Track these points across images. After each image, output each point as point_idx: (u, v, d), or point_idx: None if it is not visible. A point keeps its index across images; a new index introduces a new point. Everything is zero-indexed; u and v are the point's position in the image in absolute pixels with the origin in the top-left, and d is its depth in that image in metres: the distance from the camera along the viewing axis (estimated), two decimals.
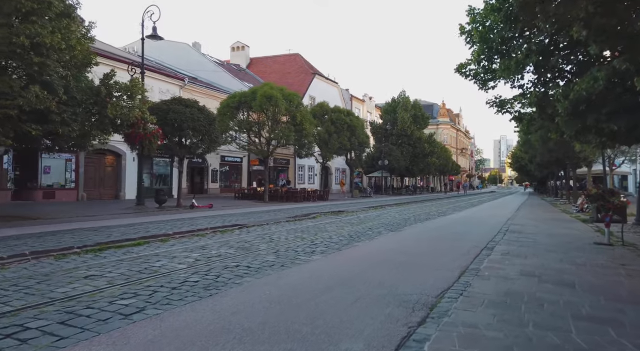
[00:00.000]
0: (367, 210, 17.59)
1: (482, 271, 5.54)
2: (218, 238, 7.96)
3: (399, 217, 13.92)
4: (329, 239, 8.15)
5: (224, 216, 13.28)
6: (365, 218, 13.39)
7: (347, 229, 10.07)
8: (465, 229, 10.80)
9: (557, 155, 26.66)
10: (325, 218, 13.06)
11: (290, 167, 40.99)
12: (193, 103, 18.72)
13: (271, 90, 23.41)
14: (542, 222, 13.67)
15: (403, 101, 49.06)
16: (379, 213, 15.59)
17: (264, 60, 49.36)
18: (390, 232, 9.75)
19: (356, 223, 11.51)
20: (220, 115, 23.71)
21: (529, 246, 7.96)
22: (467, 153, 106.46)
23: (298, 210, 16.61)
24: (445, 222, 12.85)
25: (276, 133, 23.74)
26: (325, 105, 31.24)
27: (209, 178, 30.74)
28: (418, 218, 13.78)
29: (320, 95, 44.03)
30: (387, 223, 11.65)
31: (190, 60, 36.18)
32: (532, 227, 11.82)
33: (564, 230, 11.10)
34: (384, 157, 45.21)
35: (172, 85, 26.90)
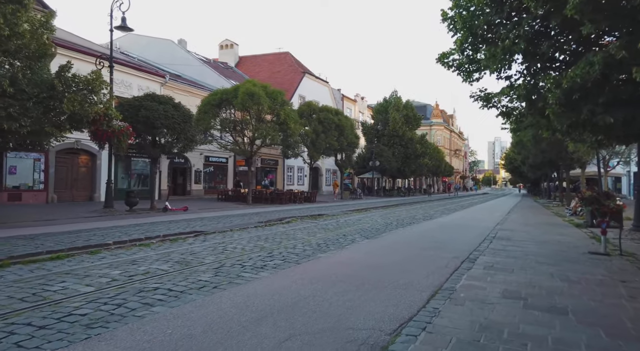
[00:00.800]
0: (350, 213, 16.66)
1: (457, 292, 4.62)
2: (162, 248, 6.98)
3: (380, 222, 13.01)
4: (291, 249, 7.20)
5: (192, 220, 12.29)
6: (344, 222, 12.46)
7: (319, 236, 9.13)
8: (448, 236, 9.89)
9: (550, 156, 25.94)
10: (301, 222, 12.10)
11: (278, 168, 40.01)
12: (168, 99, 17.71)
13: (254, 87, 22.43)
14: (533, 226, 12.81)
15: (395, 101, 48.23)
16: (360, 217, 14.66)
17: (253, 59, 48.37)
18: (366, 239, 8.82)
19: (332, 229, 10.58)
20: (201, 113, 22.74)
21: (517, 257, 7.06)
22: (460, 154, 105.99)
23: (277, 214, 15.65)
24: (430, 227, 11.95)
25: (259, 132, 22.75)
26: (312, 104, 30.31)
27: (192, 179, 29.69)
28: (401, 223, 12.87)
29: (310, 94, 43.12)
30: (366, 229, 10.72)
31: (175, 57, 35.11)
32: (522, 233, 10.95)
33: (557, 237, 10.23)
34: (374, 157, 44.36)
35: (152, 82, 25.84)
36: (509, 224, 13.30)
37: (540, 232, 11.16)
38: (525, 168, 41.30)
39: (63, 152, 20.89)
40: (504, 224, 13.27)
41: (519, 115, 8.25)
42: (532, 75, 7.33)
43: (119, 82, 23.91)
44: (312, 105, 30.05)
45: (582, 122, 6.71)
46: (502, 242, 8.96)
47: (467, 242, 8.79)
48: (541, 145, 23.30)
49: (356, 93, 58.46)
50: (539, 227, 12.61)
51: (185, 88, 28.23)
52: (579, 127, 6.90)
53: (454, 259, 6.70)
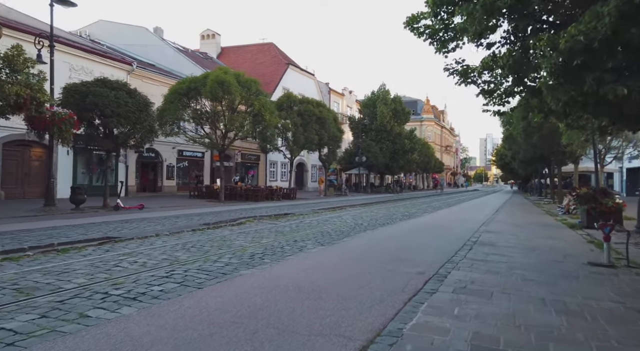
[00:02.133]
0: (322, 212, 15.08)
1: (403, 341, 3.04)
2: (29, 265, 5.23)
3: (350, 222, 11.44)
4: (211, 263, 5.57)
5: (132, 221, 10.63)
6: (307, 224, 10.87)
7: (264, 242, 7.53)
8: (422, 241, 8.35)
9: (541, 150, 24.58)
10: (256, 224, 10.47)
11: (260, 164, 38.34)
12: (121, 85, 15.92)
13: (225, 75, 20.70)
14: (522, 228, 11.34)
15: (382, 95, 46.67)
16: (330, 217, 13.09)
17: (236, 50, 46.48)
18: (319, 246, 7.24)
19: (286, 232, 8.99)
20: (167, 103, 20.97)
21: (499, 272, 5.53)
22: (452, 150, 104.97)
23: (238, 213, 14.03)
24: (404, 229, 10.40)
25: (230, 124, 21.04)
26: (292, 96, 28.64)
27: (164, 174, 27.90)
28: (374, 224, 11.32)
29: (295, 87, 41.35)
30: (327, 232, 9.14)
31: (149, 46, 33.18)
32: (509, 236, 9.45)
33: (549, 241, 8.75)
34: (361, 153, 42.83)
35: (117, 70, 23.95)
36: (495, 225, 11.81)
37: (530, 235, 9.67)
38: (516, 164, 40.06)
39: (12, 144, 19.03)
40: (490, 225, 11.77)
41: (504, 94, 6.69)
42: (520, 39, 5.76)
43: (78, 69, 22.05)
44: (291, 97, 28.37)
45: (584, 99, 5.16)
46: (484, 248, 7.43)
47: (442, 249, 7.25)
48: (532, 139, 21.91)
49: (344, 87, 56.82)
50: (529, 229, 11.14)
51: (154, 77, 26.37)
52: (578, 107, 5.35)
53: (417, 276, 5.14)
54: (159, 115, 21.14)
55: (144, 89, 25.80)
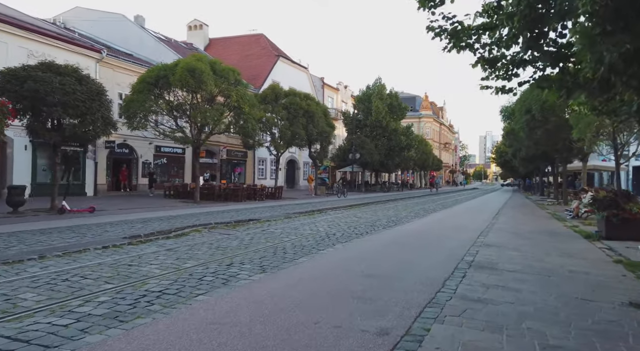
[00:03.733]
0: (297, 216, 13.16)
1: None
2: None
3: (322, 232, 9.53)
4: (35, 326, 3.63)
5: (54, 231, 8.72)
6: (268, 234, 8.94)
7: (185, 267, 5.61)
8: (402, 262, 6.44)
9: (545, 147, 22.67)
10: (203, 235, 8.52)
11: (248, 161, 36.42)
12: (70, 70, 13.94)
13: (197, 62, 18.75)
14: (528, 238, 9.44)
15: (378, 89, 44.67)
16: (302, 224, 11.17)
17: (225, 41, 44.43)
18: (259, 274, 5.30)
19: (231, 249, 7.07)
20: (134, 93, 19.01)
21: (505, 324, 3.64)
22: (450, 148, 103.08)
23: (199, 217, 12.12)
24: (385, 241, 8.48)
25: (201, 116, 19.07)
26: (277, 88, 26.66)
27: (139, 172, 25.95)
28: (350, 233, 9.41)
29: (286, 80, 39.28)
30: (283, 249, 7.21)
31: (128, 35, 31.18)
32: (513, 252, 7.55)
33: (565, 261, 6.86)
34: (354, 150, 40.89)
35: (84, 58, 21.95)
36: (495, 235, 9.90)
37: (539, 251, 7.77)
38: (517, 161, 38.17)
39: None
40: (489, 235, 9.87)
41: (511, 63, 4.75)
42: None
43: (38, 56, 19.96)
44: (276, 89, 26.40)
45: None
46: (482, 275, 5.53)
47: (425, 277, 5.34)
48: (535, 134, 19.98)
49: (339, 82, 54.80)
50: (536, 240, 9.24)
51: (127, 66, 24.36)
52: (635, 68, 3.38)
53: (376, 341, 3.22)
54: (126, 106, 19.24)
55: (117, 79, 24.00)
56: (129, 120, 19.02)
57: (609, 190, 9.75)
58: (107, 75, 23.53)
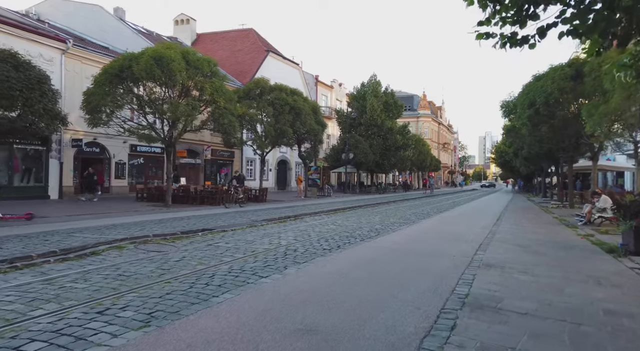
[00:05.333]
0: (266, 224, 11.31)
1: None
2: None
3: (283, 247, 7.68)
4: None
5: None
6: (208, 253, 7.04)
7: (34, 315, 3.77)
8: (366, 301, 4.60)
9: (549, 145, 20.85)
10: (124, 253, 6.65)
11: (235, 161, 34.57)
12: (6, 56, 12.11)
13: (165, 50, 16.92)
14: (537, 254, 7.61)
15: (373, 86, 42.84)
16: (265, 234, 9.31)
17: (213, 36, 42.63)
18: (133, 331, 3.47)
19: (140, 277, 5.22)
20: (97, 86, 17.13)
21: None
22: (449, 148, 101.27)
23: (155, 225, 10.28)
24: (354, 262, 6.61)
25: (174, 112, 17.22)
26: (261, 82, 24.81)
27: (112, 173, 24.09)
28: (316, 249, 7.55)
29: (276, 77, 37.43)
30: (214, 275, 5.35)
31: (105, 28, 29.33)
32: (521, 276, 5.74)
33: (593, 291, 5.05)
34: (348, 149, 39.06)
35: (47, 48, 20.15)
36: (497, 249, 8.05)
37: (557, 275, 5.93)
38: (518, 161, 36.36)
39: None
40: (490, 248, 8.02)
41: None
42: None
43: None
44: (260, 83, 24.55)
45: None
46: (480, 327, 3.69)
47: (391, 335, 3.49)
48: (539, 131, 18.15)
49: (333, 79, 52.96)
50: (548, 257, 7.40)
51: (96, 57, 22.49)
52: None
53: None
54: (86, 100, 17.38)
55: (86, 72, 22.09)
56: (91, 116, 17.18)
57: (637, 194, 7.91)
58: (74, 68, 21.71)
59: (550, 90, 14.97)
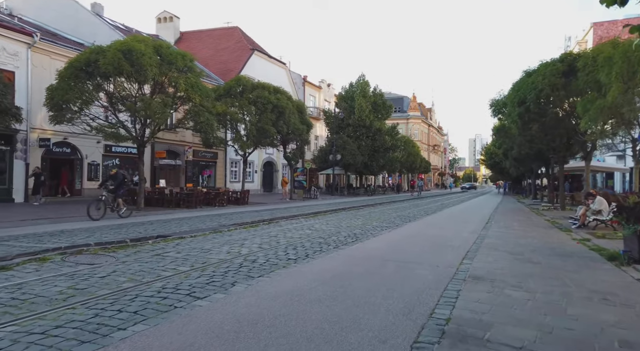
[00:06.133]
0: (234, 229, 10.31)
1: None
2: None
3: (242, 257, 6.69)
4: None
5: None
6: (148, 266, 5.96)
7: None
8: (331, 319, 3.64)
9: (540, 145, 20.16)
10: (43, 268, 5.53)
11: (218, 162, 33.44)
12: None
13: (135, 43, 15.84)
14: (532, 264, 6.75)
15: (361, 86, 42.06)
16: (226, 242, 8.32)
17: (197, 35, 41.51)
18: None
19: (40, 303, 4.19)
20: (62, 81, 15.99)
21: None
22: (439, 150, 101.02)
23: (110, 232, 9.20)
24: (319, 276, 5.61)
25: (145, 109, 16.14)
26: (242, 79, 23.79)
27: (84, 174, 22.84)
28: (279, 260, 6.58)
29: (262, 76, 36.45)
30: (134, 300, 4.32)
31: (81, 23, 28.06)
32: (514, 292, 4.85)
33: (602, 312, 4.18)
34: (335, 150, 38.17)
35: (12, 42, 18.94)
36: (486, 257, 7.17)
37: (556, 291, 5.05)
38: (508, 162, 35.82)
39: None
40: (478, 256, 7.13)
41: None
42: None
43: None
44: (242, 80, 23.53)
45: None
46: None
47: None
48: (530, 129, 17.41)
49: (321, 79, 52.09)
50: (545, 266, 6.54)
51: (65, 52, 21.23)
52: None
53: None
54: (49, 95, 16.21)
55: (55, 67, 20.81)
56: (54, 112, 16.03)
57: None
58: (42, 63, 20.47)
59: (542, 86, 14.23)
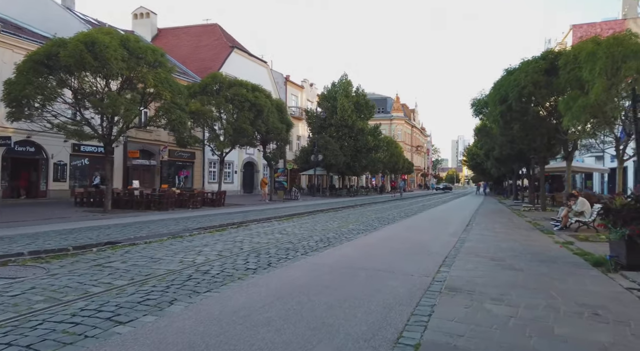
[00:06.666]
0: (197, 234, 9.54)
1: None
2: None
3: (194, 267, 5.97)
4: None
5: None
6: (81, 280, 5.17)
7: None
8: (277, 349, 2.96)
9: (521, 145, 19.91)
10: None
11: (196, 163, 32.45)
12: None
13: (100, 35, 14.90)
14: (514, 271, 6.24)
15: (343, 86, 41.57)
16: (182, 249, 7.58)
17: (175, 31, 40.40)
18: None
19: None
20: (20, 75, 14.93)
21: None
22: (422, 151, 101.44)
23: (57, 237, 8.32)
24: (275, 290, 4.92)
25: (111, 105, 15.20)
26: (218, 76, 22.94)
27: (49, 175, 21.65)
28: (235, 270, 5.87)
29: (242, 74, 35.56)
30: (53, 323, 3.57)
31: (50, 17, 26.77)
32: (494, 307, 4.30)
33: (594, 329, 3.65)
34: (317, 151, 37.54)
35: None
36: (465, 264, 6.62)
37: (541, 304, 4.52)
38: (489, 163, 35.77)
39: None
40: (457, 263, 6.58)
41: None
42: None
43: None
44: (218, 77, 22.67)
45: None
46: None
47: None
48: (511, 129, 17.08)
49: (304, 79, 51.43)
50: (528, 274, 6.03)
51: (28, 45, 20.02)
52: None
53: None
54: (6, 90, 15.13)
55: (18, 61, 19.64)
56: (10, 109, 14.95)
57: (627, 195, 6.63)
58: (3, 57, 19.28)
59: (524, 83, 13.87)
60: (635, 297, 4.88)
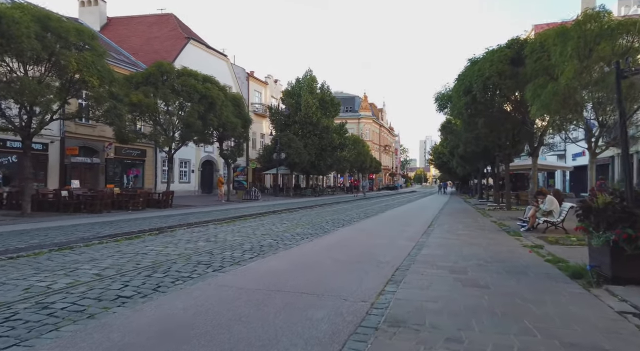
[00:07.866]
0: (104, 241, 7.78)
1: None
2: None
3: (36, 296, 4.30)
4: None
5: None
6: None
7: None
8: None
9: (486, 142, 19.10)
10: None
11: (147, 161, 30.03)
12: None
13: (7, 9, 12.71)
14: (477, 289, 4.94)
15: (308, 82, 40.12)
16: (64, 262, 5.86)
17: (126, 21, 37.60)
18: None
19: None
20: None
21: None
22: (390, 150, 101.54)
23: None
24: (143, 328, 3.40)
25: (28, 93, 13.04)
26: (165, 65, 20.90)
27: None
28: (109, 297, 4.31)
29: (199, 68, 33.38)
30: None
31: None
32: (449, 346, 2.81)
33: None
34: (279, 149, 35.90)
35: None
36: (417, 279, 5.27)
37: (515, 344, 3.12)
38: (454, 161, 35.25)
39: None
40: (407, 278, 5.21)
41: None
42: None
43: None
44: (163, 66, 20.63)
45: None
46: None
47: None
48: (476, 124, 16.12)
49: (268, 75, 49.58)
50: (494, 292, 4.74)
51: None
52: None
53: None
54: None
55: None
56: None
57: (611, 192, 5.46)
58: None
59: (489, 74, 12.86)
60: (635, 327, 3.62)
